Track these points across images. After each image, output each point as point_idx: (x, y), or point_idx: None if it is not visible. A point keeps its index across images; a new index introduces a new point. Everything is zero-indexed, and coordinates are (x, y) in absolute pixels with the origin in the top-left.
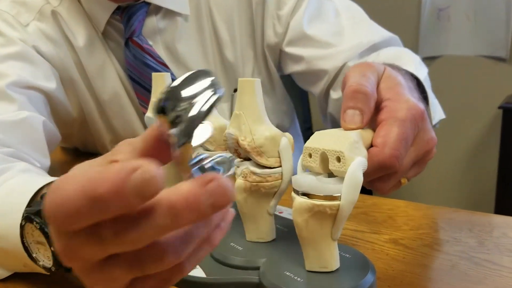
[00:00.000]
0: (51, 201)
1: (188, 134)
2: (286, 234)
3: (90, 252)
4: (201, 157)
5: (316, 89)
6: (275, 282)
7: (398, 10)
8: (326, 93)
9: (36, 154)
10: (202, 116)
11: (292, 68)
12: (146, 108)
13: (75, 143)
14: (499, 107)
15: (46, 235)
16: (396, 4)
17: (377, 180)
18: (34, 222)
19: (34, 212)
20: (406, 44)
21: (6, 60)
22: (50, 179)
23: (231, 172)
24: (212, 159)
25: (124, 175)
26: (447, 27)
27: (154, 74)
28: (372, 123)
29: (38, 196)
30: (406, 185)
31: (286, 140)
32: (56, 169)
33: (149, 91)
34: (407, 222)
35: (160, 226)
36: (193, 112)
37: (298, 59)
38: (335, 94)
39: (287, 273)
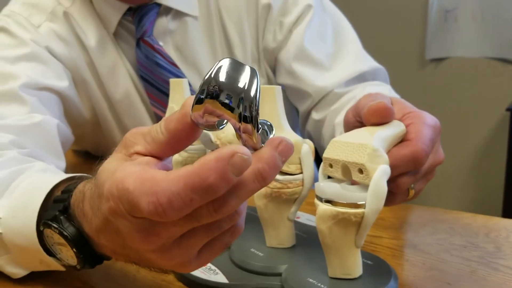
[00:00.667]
0: (150, 204)
1: (257, 118)
2: (306, 240)
3: (178, 231)
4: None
5: (300, 107)
6: None
7: (405, 12)
8: (308, 113)
9: (52, 157)
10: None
11: (283, 79)
12: (158, 108)
13: (87, 146)
14: (507, 109)
15: (66, 238)
16: (403, 6)
17: (401, 176)
18: (53, 228)
19: (51, 218)
20: (412, 46)
21: (18, 61)
22: (63, 176)
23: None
24: (261, 124)
25: (226, 162)
26: (454, 28)
27: (172, 80)
28: None
29: (51, 198)
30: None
31: (307, 146)
32: (67, 172)
33: (160, 90)
34: (424, 227)
35: (252, 191)
36: (256, 105)
37: (289, 72)
38: (316, 115)
39: (310, 280)
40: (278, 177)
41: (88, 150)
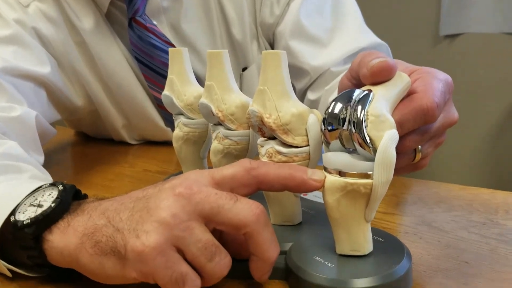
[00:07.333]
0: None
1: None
2: (313, 217)
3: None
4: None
5: (297, 85)
6: (304, 268)
7: None
8: (304, 92)
9: (32, 152)
10: None
11: None
12: (157, 91)
13: (86, 130)
14: None
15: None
16: None
17: (408, 134)
18: (58, 185)
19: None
20: (427, 22)
21: None
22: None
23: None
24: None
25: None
26: (470, 3)
27: (171, 50)
28: None
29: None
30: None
31: (314, 117)
32: (68, 151)
33: (158, 73)
34: (439, 204)
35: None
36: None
37: (286, 49)
38: (311, 95)
39: (317, 258)
40: (283, 150)
41: (87, 133)
